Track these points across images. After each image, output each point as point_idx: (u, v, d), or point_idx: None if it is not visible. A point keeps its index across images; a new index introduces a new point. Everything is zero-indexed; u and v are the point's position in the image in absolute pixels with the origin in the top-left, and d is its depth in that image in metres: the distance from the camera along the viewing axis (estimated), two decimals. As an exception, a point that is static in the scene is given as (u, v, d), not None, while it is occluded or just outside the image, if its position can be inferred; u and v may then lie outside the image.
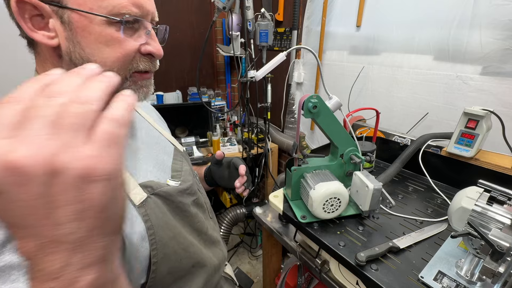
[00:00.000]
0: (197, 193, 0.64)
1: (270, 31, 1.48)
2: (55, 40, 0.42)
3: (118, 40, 0.43)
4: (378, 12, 1.24)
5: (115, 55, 0.44)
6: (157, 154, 0.60)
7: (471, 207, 0.59)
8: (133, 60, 0.46)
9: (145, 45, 0.47)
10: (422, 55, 1.12)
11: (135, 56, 0.46)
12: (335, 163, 0.82)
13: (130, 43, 0.44)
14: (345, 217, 0.79)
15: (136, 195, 0.48)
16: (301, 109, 0.76)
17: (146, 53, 0.47)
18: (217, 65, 2.45)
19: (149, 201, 0.49)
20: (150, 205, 0.49)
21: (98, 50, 0.43)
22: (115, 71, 0.44)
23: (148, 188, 0.50)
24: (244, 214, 1.93)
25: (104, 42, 0.43)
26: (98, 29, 0.41)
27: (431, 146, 0.99)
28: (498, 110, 0.83)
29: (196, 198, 0.62)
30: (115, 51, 0.44)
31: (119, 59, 0.44)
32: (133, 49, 0.45)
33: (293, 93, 1.83)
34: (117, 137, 0.22)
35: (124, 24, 0.42)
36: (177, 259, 0.52)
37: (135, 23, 0.44)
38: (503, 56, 0.91)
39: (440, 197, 0.89)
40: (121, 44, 0.44)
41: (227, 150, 1.85)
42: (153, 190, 0.50)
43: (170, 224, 0.52)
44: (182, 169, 0.62)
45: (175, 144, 0.69)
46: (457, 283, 0.57)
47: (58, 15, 0.40)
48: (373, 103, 1.33)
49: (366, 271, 0.61)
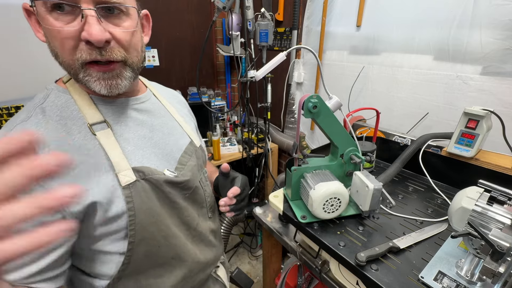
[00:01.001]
0: (194, 189, 0.64)
1: (270, 31, 1.48)
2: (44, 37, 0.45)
3: (54, 26, 0.42)
4: (378, 12, 1.24)
5: (58, 44, 0.43)
6: (166, 144, 0.61)
7: (471, 207, 0.59)
8: (77, 50, 0.44)
9: (82, 32, 0.42)
10: (422, 55, 1.12)
11: (78, 44, 0.43)
12: (335, 163, 0.82)
13: (63, 30, 0.42)
14: (345, 217, 0.79)
15: (125, 177, 0.49)
16: (301, 109, 0.75)
17: (85, 40, 0.43)
18: (217, 65, 2.45)
19: (137, 185, 0.51)
20: (137, 188, 0.50)
21: (51, 41, 0.44)
22: (66, 61, 0.45)
23: (140, 173, 0.51)
24: (244, 214, 1.93)
25: (49, 32, 0.43)
26: (44, 18, 0.42)
27: (431, 146, 0.99)
28: (498, 110, 0.83)
29: (191, 193, 0.63)
30: (56, 40, 0.43)
31: (63, 49, 0.43)
32: (68, 35, 0.42)
33: (293, 93, 1.83)
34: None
35: (48, 8, 0.41)
36: (155, 245, 0.54)
37: (60, 7, 0.41)
38: (503, 56, 0.91)
39: (440, 197, 0.89)
40: (56, 32, 0.42)
41: (227, 150, 1.84)
42: (145, 175, 0.52)
43: (153, 210, 0.53)
44: (186, 164, 0.63)
45: (192, 138, 0.70)
46: (457, 283, 0.57)
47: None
48: (373, 103, 1.33)
49: (366, 271, 0.61)
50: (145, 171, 0.52)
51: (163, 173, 0.56)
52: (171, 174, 0.57)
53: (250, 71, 1.66)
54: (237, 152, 1.84)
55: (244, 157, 1.81)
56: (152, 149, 0.57)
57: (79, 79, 0.46)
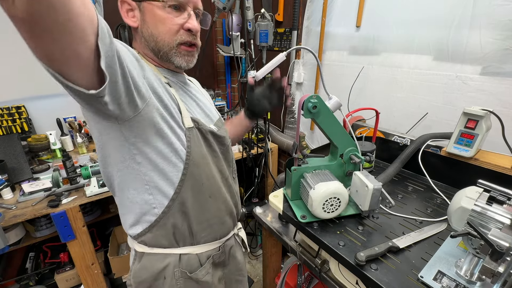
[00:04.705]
0: (227, 147, 0.80)
1: (270, 32, 1.48)
2: (136, 22, 0.65)
3: (167, 18, 0.63)
4: (378, 12, 1.25)
5: (165, 29, 0.64)
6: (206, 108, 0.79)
7: (470, 207, 0.59)
8: (178, 34, 0.65)
9: (186, 23, 0.65)
10: (422, 55, 1.12)
11: (179, 30, 0.65)
12: (335, 163, 0.82)
13: (174, 20, 0.64)
14: (345, 217, 0.79)
15: (187, 122, 0.66)
16: (301, 109, 0.76)
17: (187, 29, 0.65)
18: (217, 65, 2.45)
19: (193, 130, 0.67)
20: (193, 132, 0.67)
21: (156, 26, 0.64)
22: (166, 40, 0.65)
23: (195, 122, 0.68)
24: (244, 214, 1.93)
25: (159, 20, 0.63)
26: (157, 11, 0.62)
27: (431, 146, 0.99)
28: (498, 110, 0.83)
29: (225, 150, 0.79)
30: (165, 26, 0.63)
31: (168, 32, 0.64)
32: (176, 24, 0.64)
33: (293, 93, 1.83)
34: None
35: (170, 6, 0.62)
36: (199, 182, 0.69)
37: (179, 7, 0.64)
38: (502, 56, 0.91)
39: (439, 197, 0.89)
40: (168, 21, 0.63)
41: (227, 150, 1.85)
42: (198, 125, 0.69)
43: (202, 153, 0.69)
44: (221, 127, 0.80)
45: (220, 116, 0.87)
46: (457, 283, 0.57)
47: (138, 7, 0.63)
48: (373, 103, 1.33)
49: (366, 270, 0.61)
50: (199, 122, 0.69)
51: (209, 126, 0.72)
52: (214, 128, 0.75)
53: (250, 71, 1.66)
54: (237, 152, 1.84)
55: (244, 157, 1.81)
56: (198, 108, 0.75)
57: (168, 54, 0.66)
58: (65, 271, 1.53)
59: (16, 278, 1.50)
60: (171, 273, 0.71)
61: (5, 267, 1.54)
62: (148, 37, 0.65)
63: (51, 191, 1.27)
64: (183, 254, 0.72)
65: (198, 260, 0.74)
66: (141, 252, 0.72)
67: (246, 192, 2.03)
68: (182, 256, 0.72)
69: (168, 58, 0.67)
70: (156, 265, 0.71)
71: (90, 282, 1.41)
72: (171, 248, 0.71)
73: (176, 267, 0.71)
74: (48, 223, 1.41)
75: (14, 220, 1.14)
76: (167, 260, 0.71)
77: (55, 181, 1.28)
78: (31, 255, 1.62)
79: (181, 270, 0.72)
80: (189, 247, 0.73)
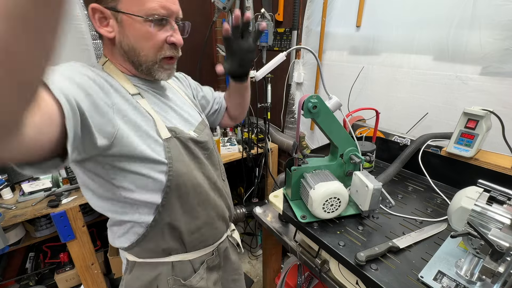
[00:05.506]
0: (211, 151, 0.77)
1: (270, 31, 1.48)
2: (112, 33, 0.59)
3: (151, 34, 0.60)
4: (378, 12, 1.25)
5: (149, 45, 0.61)
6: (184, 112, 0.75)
7: (470, 207, 0.59)
8: (162, 48, 0.62)
9: (170, 37, 0.62)
10: (422, 55, 1.12)
11: (163, 45, 0.62)
12: (335, 163, 0.82)
13: (158, 36, 0.61)
14: (345, 217, 0.79)
15: (164, 133, 0.63)
16: (301, 109, 0.76)
17: (171, 43, 0.63)
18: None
19: (172, 140, 0.64)
20: (172, 143, 0.64)
21: (138, 41, 0.60)
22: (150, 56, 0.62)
23: (172, 132, 0.65)
24: (244, 214, 1.93)
25: (142, 36, 0.59)
26: (138, 25, 0.58)
27: (431, 146, 0.99)
28: (498, 110, 0.83)
29: (209, 154, 0.76)
30: (148, 42, 0.60)
31: (152, 47, 0.61)
32: (161, 39, 0.61)
33: (293, 93, 1.83)
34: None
35: (154, 21, 0.59)
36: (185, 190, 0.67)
37: (162, 21, 0.60)
38: (502, 56, 0.91)
39: (439, 197, 0.89)
40: (153, 36, 0.60)
41: (227, 150, 1.84)
42: (176, 134, 0.66)
43: (185, 161, 0.66)
44: (203, 130, 0.77)
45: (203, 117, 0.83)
46: (457, 283, 0.57)
47: (114, 17, 0.58)
48: (373, 103, 1.33)
49: (366, 270, 0.61)
50: (176, 131, 0.66)
51: (188, 133, 0.69)
52: (195, 135, 0.71)
53: (250, 71, 1.66)
54: (237, 152, 1.84)
55: (244, 157, 1.81)
56: (175, 114, 0.71)
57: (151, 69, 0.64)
58: (65, 271, 1.53)
59: (16, 278, 1.50)
60: (165, 282, 0.70)
61: (5, 267, 1.55)
62: (128, 51, 0.61)
63: (51, 191, 1.27)
64: (176, 261, 0.71)
65: (191, 266, 0.73)
66: (133, 262, 0.71)
67: (246, 192, 2.03)
68: (175, 263, 0.71)
69: (149, 72, 0.64)
70: (148, 274, 0.70)
71: (90, 282, 1.41)
72: (162, 257, 0.71)
73: (169, 275, 0.70)
74: (48, 223, 1.41)
75: (14, 220, 1.14)
76: (159, 268, 0.70)
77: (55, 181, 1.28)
78: (31, 255, 1.62)
79: (175, 278, 0.71)
80: (181, 255, 0.72)
